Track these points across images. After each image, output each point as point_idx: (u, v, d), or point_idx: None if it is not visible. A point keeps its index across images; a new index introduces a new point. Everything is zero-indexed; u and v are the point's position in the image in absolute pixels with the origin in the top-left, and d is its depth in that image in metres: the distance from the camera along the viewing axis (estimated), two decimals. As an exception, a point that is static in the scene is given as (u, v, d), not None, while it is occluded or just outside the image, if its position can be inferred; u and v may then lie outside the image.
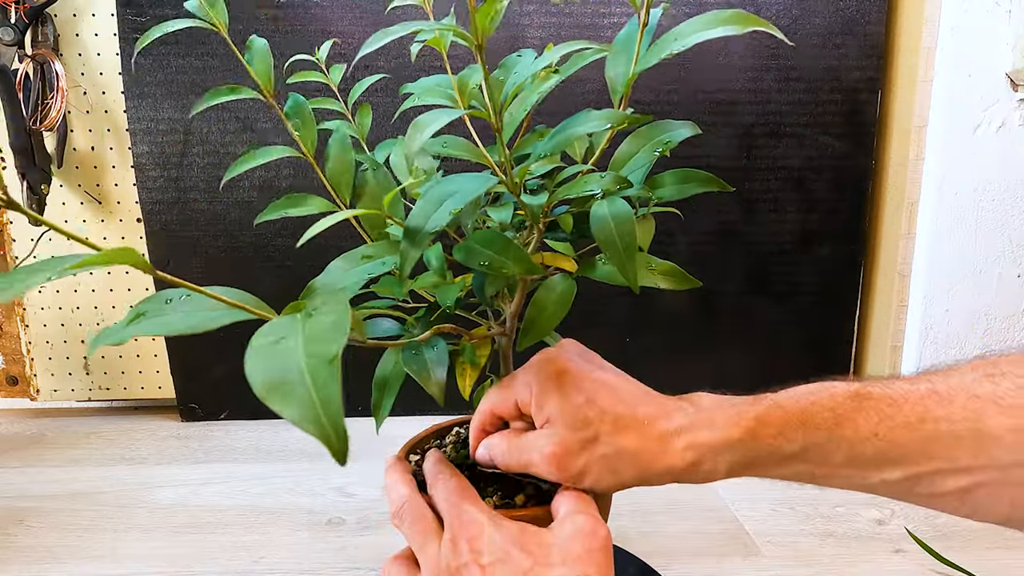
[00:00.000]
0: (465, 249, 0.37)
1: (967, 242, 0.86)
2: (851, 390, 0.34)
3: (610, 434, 0.37)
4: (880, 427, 0.33)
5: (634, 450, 0.36)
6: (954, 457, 0.31)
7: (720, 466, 0.36)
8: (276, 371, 0.22)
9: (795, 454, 0.35)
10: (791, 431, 0.34)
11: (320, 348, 0.23)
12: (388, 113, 0.86)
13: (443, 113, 0.31)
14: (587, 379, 0.39)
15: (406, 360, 0.41)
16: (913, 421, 0.32)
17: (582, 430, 0.37)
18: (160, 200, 0.88)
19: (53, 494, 0.73)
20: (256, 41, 0.43)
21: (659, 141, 0.39)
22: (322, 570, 0.60)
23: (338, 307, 0.25)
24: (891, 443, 0.33)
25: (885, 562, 0.61)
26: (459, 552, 0.35)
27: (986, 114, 0.83)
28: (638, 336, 0.94)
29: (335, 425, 0.21)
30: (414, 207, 0.34)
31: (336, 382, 0.22)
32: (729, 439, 0.35)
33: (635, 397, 0.38)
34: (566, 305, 0.40)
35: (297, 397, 0.22)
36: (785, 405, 0.35)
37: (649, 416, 0.37)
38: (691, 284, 0.41)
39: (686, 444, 0.36)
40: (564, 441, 0.37)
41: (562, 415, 0.38)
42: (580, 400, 0.38)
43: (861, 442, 0.33)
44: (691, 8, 0.85)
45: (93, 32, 0.86)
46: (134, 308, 0.28)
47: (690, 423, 0.36)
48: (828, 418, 0.34)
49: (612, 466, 0.37)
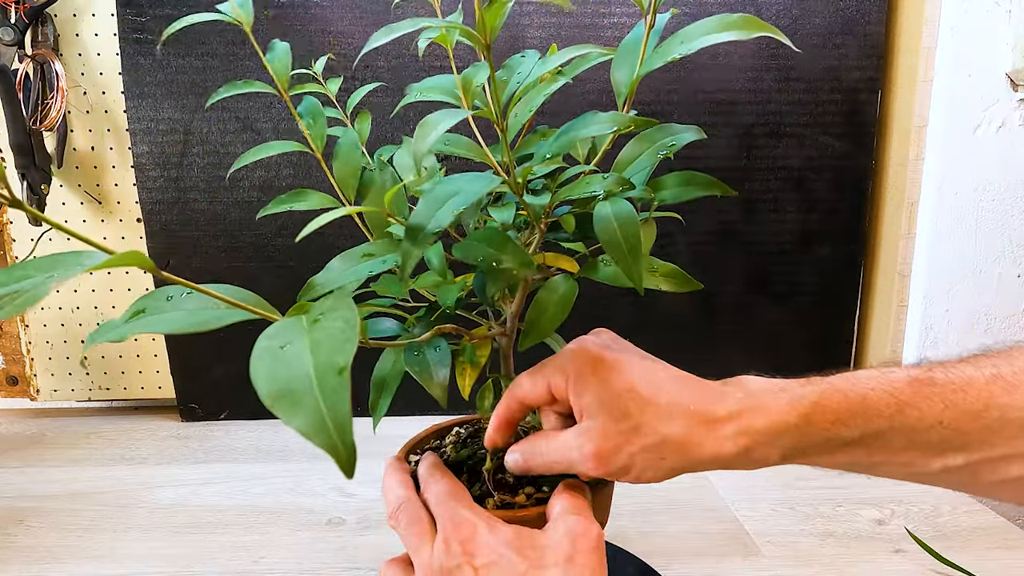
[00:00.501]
0: (463, 246, 0.37)
1: (967, 242, 0.86)
2: (913, 376, 0.33)
3: (653, 423, 0.35)
4: (945, 414, 0.32)
5: (680, 438, 0.35)
6: (1020, 445, 0.31)
7: (773, 453, 0.35)
8: (283, 379, 0.22)
9: (853, 440, 0.33)
10: (850, 417, 0.33)
11: (328, 357, 0.22)
12: (388, 113, 0.86)
13: (451, 113, 0.31)
14: (625, 367, 0.37)
15: (408, 361, 0.41)
16: (979, 408, 0.31)
17: (623, 420, 0.36)
18: (160, 200, 0.88)
19: (53, 494, 0.73)
20: (278, 44, 0.46)
21: (663, 144, 0.39)
22: (322, 570, 0.60)
23: (346, 313, 0.25)
24: (955, 431, 0.32)
25: (885, 562, 0.61)
26: (452, 554, 0.35)
27: (986, 114, 0.83)
28: (639, 336, 0.93)
29: (343, 437, 0.21)
30: (417, 206, 0.34)
31: (345, 392, 0.21)
32: (784, 425, 0.34)
33: (677, 383, 0.37)
34: (567, 306, 0.40)
35: (305, 407, 0.21)
36: (843, 389, 0.34)
37: (695, 402, 0.36)
38: (693, 286, 0.41)
39: (738, 430, 0.34)
40: (605, 434, 0.36)
41: (601, 405, 0.36)
42: (619, 389, 0.36)
43: (925, 429, 0.32)
44: (691, 8, 0.85)
45: (93, 32, 0.86)
46: (134, 304, 0.27)
47: (741, 408, 0.35)
48: (890, 404, 0.33)
49: (657, 456, 0.36)
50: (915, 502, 0.71)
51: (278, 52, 0.45)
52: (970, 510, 0.70)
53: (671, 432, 0.35)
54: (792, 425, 0.34)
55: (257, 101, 0.85)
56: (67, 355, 0.95)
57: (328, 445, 0.21)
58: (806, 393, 0.34)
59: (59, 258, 0.24)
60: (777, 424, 0.34)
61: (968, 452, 0.32)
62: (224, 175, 0.87)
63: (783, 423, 0.34)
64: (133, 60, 0.84)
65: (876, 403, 0.33)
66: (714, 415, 0.35)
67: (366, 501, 0.71)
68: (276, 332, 0.25)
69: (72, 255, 0.24)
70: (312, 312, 0.26)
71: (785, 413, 0.34)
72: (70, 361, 0.95)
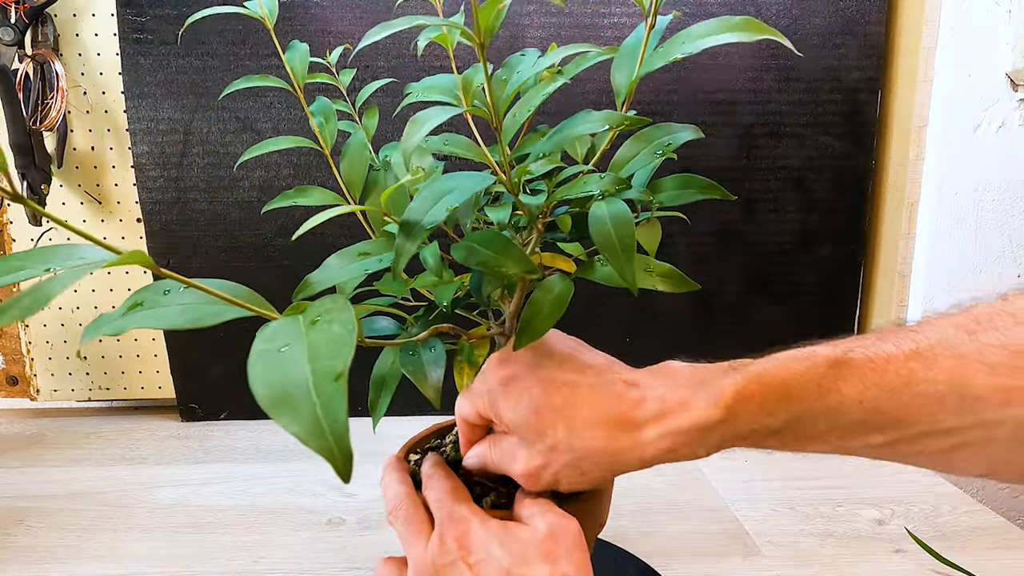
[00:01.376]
0: (464, 248, 0.37)
1: (967, 242, 0.86)
2: (833, 356, 0.33)
3: (568, 441, 0.35)
4: (864, 394, 0.32)
5: (598, 449, 0.35)
6: (938, 420, 0.31)
7: (699, 449, 0.35)
8: (280, 383, 0.22)
9: (778, 428, 0.33)
10: (773, 405, 0.33)
11: (326, 363, 0.22)
12: (388, 112, 0.86)
13: (442, 110, 0.31)
14: (535, 384, 0.37)
15: (403, 361, 0.41)
16: (898, 385, 0.31)
17: (539, 440, 0.36)
18: (160, 200, 0.88)
19: (53, 494, 0.73)
20: (299, 45, 0.46)
21: (660, 143, 0.39)
22: (322, 570, 0.60)
23: (344, 316, 0.25)
24: (875, 410, 0.32)
25: (885, 562, 0.61)
26: (447, 549, 0.35)
27: (986, 114, 0.83)
28: (638, 336, 0.94)
29: (340, 443, 0.21)
30: (412, 202, 0.34)
31: (342, 399, 0.21)
32: (707, 422, 0.33)
33: (592, 390, 0.36)
34: (562, 306, 0.40)
35: (302, 412, 0.21)
36: (764, 377, 0.34)
37: (612, 409, 0.35)
38: (690, 287, 0.41)
39: (660, 433, 0.34)
40: (529, 454, 0.37)
41: (516, 429, 0.37)
42: (528, 410, 0.36)
43: (845, 411, 0.32)
44: (691, 8, 0.85)
45: (93, 32, 0.86)
46: (131, 297, 0.27)
47: (661, 410, 0.34)
48: (812, 389, 0.32)
49: (579, 469, 0.36)
50: (915, 502, 0.71)
51: (297, 52, 0.46)
52: (970, 510, 0.70)
53: (589, 447, 0.35)
54: (715, 422, 0.33)
55: (257, 101, 0.85)
56: (67, 355, 0.95)
57: (325, 450, 0.21)
58: (727, 386, 0.34)
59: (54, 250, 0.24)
60: (699, 422, 0.33)
61: (888, 431, 0.32)
62: (224, 175, 0.87)
63: (706, 420, 0.33)
64: (133, 60, 0.84)
65: (797, 389, 0.33)
66: (634, 420, 0.35)
67: (366, 501, 0.71)
68: (273, 334, 0.25)
69: (66, 248, 0.24)
70: (310, 313, 0.26)
71: (707, 410, 0.33)
72: (70, 361, 0.95)
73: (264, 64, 0.84)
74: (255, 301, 0.28)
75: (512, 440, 0.38)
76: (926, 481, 0.76)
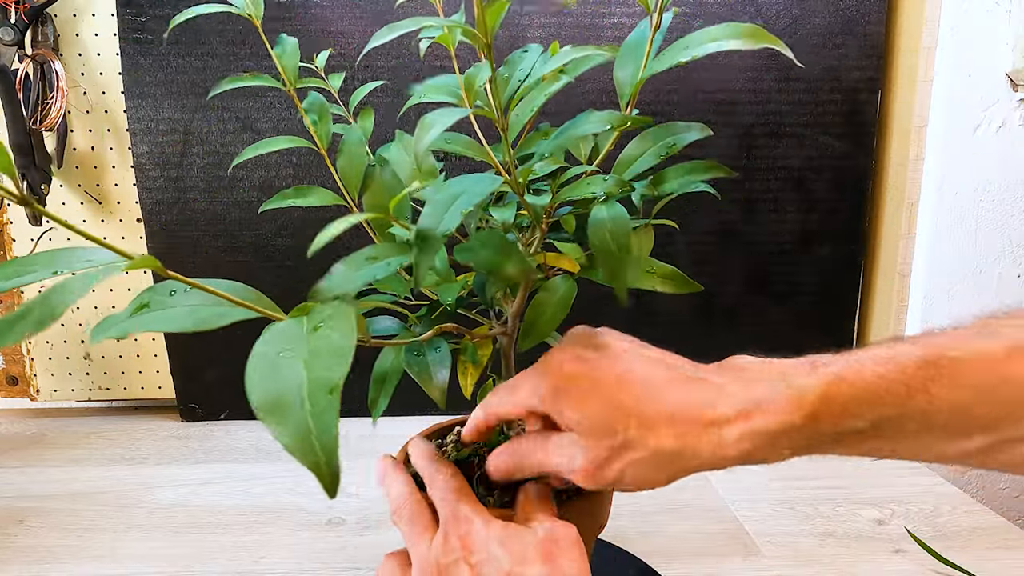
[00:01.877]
0: (466, 250, 0.37)
1: (967, 242, 0.86)
2: (921, 356, 0.31)
3: (642, 437, 0.33)
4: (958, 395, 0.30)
5: (674, 448, 0.33)
6: None
7: (776, 453, 0.33)
8: (274, 389, 0.22)
9: (863, 431, 0.31)
10: (858, 407, 0.31)
11: (322, 373, 0.22)
12: (389, 114, 0.86)
13: (450, 112, 0.31)
14: (602, 378, 0.35)
15: (408, 361, 0.41)
16: (995, 383, 0.29)
17: (608, 437, 0.34)
18: (160, 200, 0.88)
19: (53, 494, 0.73)
20: (287, 39, 0.45)
21: (665, 144, 0.38)
22: (322, 570, 0.60)
23: (344, 325, 0.24)
24: (968, 412, 0.30)
25: (885, 562, 0.61)
26: (450, 549, 0.35)
27: (986, 114, 0.83)
28: (638, 336, 0.94)
29: (329, 457, 0.21)
30: (424, 210, 0.33)
31: (334, 412, 0.21)
32: (789, 425, 0.31)
33: (665, 386, 0.35)
34: (566, 307, 0.40)
35: (293, 422, 0.21)
36: (849, 378, 0.31)
37: (687, 405, 0.33)
38: (691, 288, 0.41)
39: (739, 435, 0.32)
40: (592, 453, 0.34)
41: (581, 423, 0.35)
42: (598, 405, 0.34)
43: (937, 412, 0.30)
44: (691, 8, 0.85)
45: (93, 32, 0.86)
46: (137, 298, 0.27)
47: (738, 411, 0.32)
48: (900, 392, 0.30)
49: (652, 467, 0.34)
50: (915, 502, 0.71)
51: (287, 46, 0.45)
52: (970, 510, 0.70)
53: (663, 444, 0.33)
54: (798, 425, 0.31)
55: (257, 101, 0.85)
56: (67, 355, 0.95)
57: (312, 464, 0.21)
58: (810, 386, 0.32)
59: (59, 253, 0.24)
60: (781, 425, 0.32)
61: (985, 433, 0.30)
62: (224, 175, 0.87)
63: (788, 423, 0.31)
64: (133, 60, 0.84)
65: (884, 391, 0.31)
66: (710, 419, 0.33)
67: (366, 501, 0.71)
68: (274, 337, 0.24)
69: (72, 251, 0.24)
70: (314, 317, 0.25)
71: (789, 413, 0.32)
72: (70, 361, 0.95)
73: (264, 64, 0.84)
74: (261, 302, 0.28)
75: (569, 437, 0.36)
76: (926, 481, 0.76)
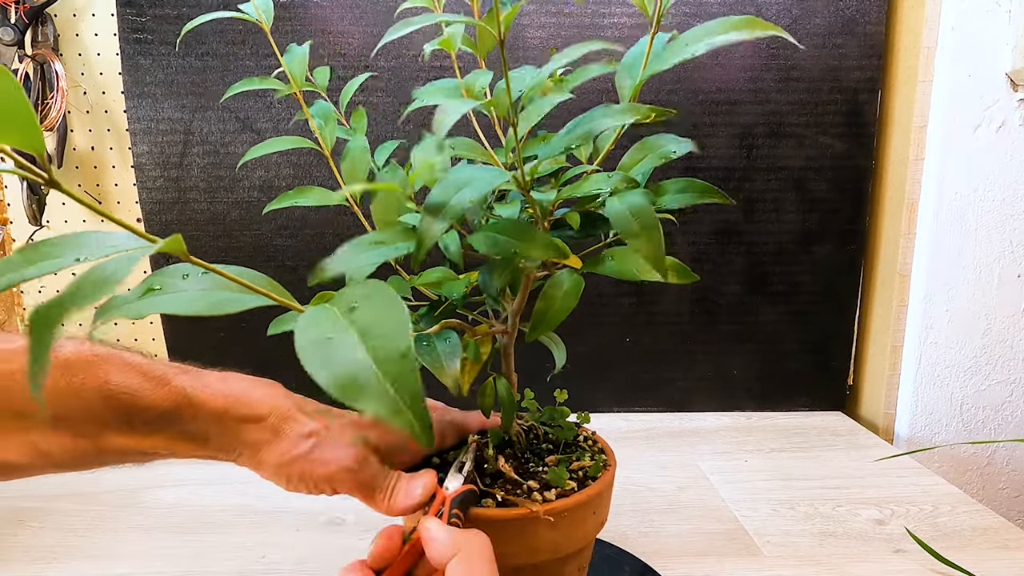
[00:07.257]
0: (482, 236, 0.36)
1: (967, 242, 0.86)
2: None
3: None
4: None
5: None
6: None
7: None
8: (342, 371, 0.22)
9: None
10: None
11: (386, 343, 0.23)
12: (387, 112, 0.86)
13: (461, 101, 0.31)
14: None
15: (419, 351, 0.41)
16: None
17: None
18: (160, 200, 0.88)
19: (53, 494, 0.73)
20: (296, 48, 0.47)
21: (662, 152, 0.40)
22: (322, 570, 0.60)
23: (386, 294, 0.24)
24: None
25: (885, 562, 0.61)
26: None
27: (986, 114, 0.83)
28: (638, 335, 0.94)
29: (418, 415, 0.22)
30: (433, 189, 0.33)
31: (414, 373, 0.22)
32: None
33: None
34: (575, 298, 0.41)
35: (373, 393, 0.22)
36: None
37: None
38: (691, 278, 0.42)
39: None
40: None
41: None
42: None
43: None
44: (691, 7, 0.85)
45: (93, 32, 0.86)
46: (146, 280, 0.27)
47: None
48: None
49: None
50: (915, 502, 0.71)
51: (296, 54, 0.47)
52: (970, 510, 0.70)
53: None
54: None
55: (258, 101, 0.85)
56: (67, 355, 0.94)
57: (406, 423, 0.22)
58: None
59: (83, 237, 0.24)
60: None
61: None
62: (224, 175, 0.87)
63: None
64: (133, 60, 0.84)
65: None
66: None
67: (366, 501, 0.71)
68: (310, 323, 0.24)
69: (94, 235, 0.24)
70: (341, 302, 0.25)
71: None
72: (70, 361, 0.95)
73: (264, 64, 0.84)
74: (276, 290, 0.28)
75: None
76: (926, 481, 0.76)
